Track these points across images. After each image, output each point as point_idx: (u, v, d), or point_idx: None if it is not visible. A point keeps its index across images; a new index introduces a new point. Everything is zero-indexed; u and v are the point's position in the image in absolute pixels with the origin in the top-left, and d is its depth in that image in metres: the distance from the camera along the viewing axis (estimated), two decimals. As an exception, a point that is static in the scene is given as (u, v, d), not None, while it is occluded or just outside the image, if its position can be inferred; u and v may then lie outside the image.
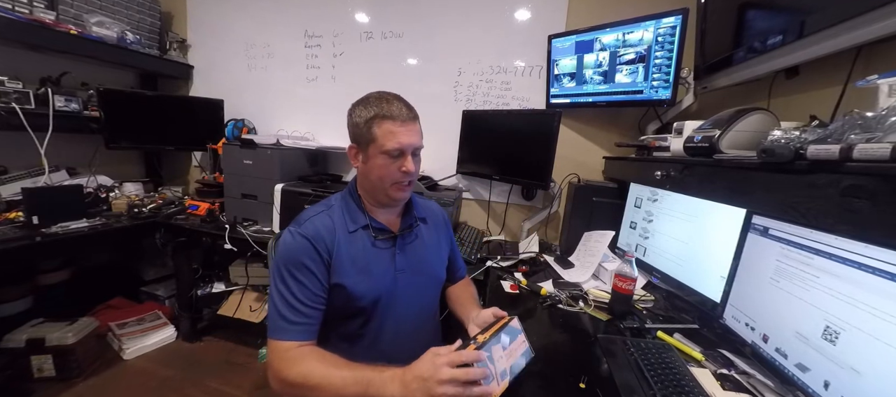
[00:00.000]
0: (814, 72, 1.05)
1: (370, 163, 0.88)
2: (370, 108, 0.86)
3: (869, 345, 0.63)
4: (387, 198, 0.91)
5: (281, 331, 0.79)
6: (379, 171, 0.87)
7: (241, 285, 2.18)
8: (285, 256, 0.83)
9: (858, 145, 0.55)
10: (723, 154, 0.93)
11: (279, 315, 0.80)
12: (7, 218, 1.68)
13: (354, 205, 0.93)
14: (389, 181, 0.88)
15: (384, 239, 0.92)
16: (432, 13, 2.04)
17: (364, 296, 0.86)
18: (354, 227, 0.90)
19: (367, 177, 0.90)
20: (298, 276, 0.81)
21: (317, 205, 0.94)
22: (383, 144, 0.84)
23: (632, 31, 1.53)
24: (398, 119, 0.85)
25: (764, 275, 0.87)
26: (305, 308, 0.81)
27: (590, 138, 1.94)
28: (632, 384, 0.79)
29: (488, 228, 2.10)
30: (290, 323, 0.79)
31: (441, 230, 1.08)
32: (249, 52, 2.41)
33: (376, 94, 0.90)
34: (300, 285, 0.81)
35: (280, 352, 0.78)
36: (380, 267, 0.90)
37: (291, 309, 0.80)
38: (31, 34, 1.78)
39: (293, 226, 0.87)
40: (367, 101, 0.88)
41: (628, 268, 1.11)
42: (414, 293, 0.95)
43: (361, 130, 0.87)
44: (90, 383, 1.76)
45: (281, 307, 0.80)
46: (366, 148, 0.87)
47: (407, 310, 0.93)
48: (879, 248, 0.63)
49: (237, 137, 2.23)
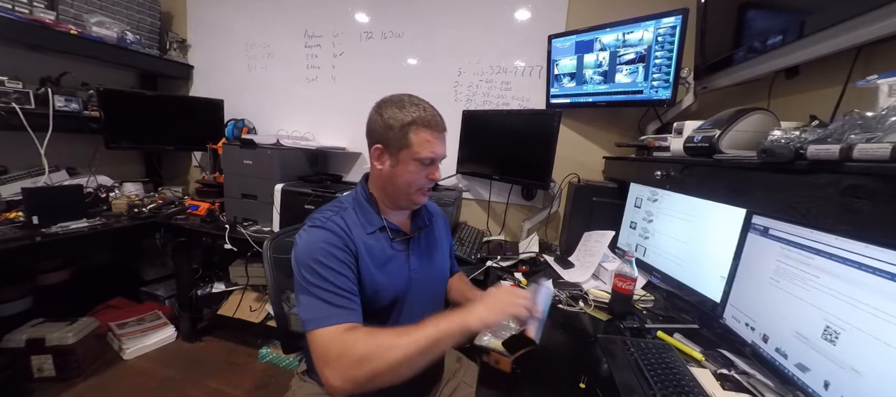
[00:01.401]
0: (814, 72, 1.05)
1: (399, 168, 0.86)
2: (406, 113, 0.83)
3: (869, 345, 0.63)
4: (408, 202, 0.91)
5: (331, 318, 0.73)
6: (408, 177, 0.86)
7: (241, 285, 2.18)
8: (315, 250, 0.78)
9: (858, 145, 0.55)
10: (723, 154, 0.93)
11: (325, 303, 0.75)
12: (7, 218, 1.68)
13: (369, 206, 0.91)
14: (415, 187, 0.88)
15: (400, 240, 0.93)
16: (432, 13, 2.04)
17: (384, 297, 0.87)
18: (371, 229, 0.88)
19: (393, 181, 0.88)
20: (331, 264, 0.78)
21: (326, 208, 0.89)
22: (418, 152, 0.84)
23: (632, 31, 1.53)
24: (435, 129, 0.85)
25: (764, 275, 0.87)
26: (347, 292, 0.78)
27: (590, 138, 1.94)
28: (632, 384, 0.79)
29: (488, 228, 2.10)
30: (339, 308, 0.75)
31: (443, 229, 1.11)
32: (249, 52, 2.41)
33: (407, 96, 0.87)
34: (335, 273, 0.77)
35: (334, 337, 0.71)
36: (396, 268, 0.90)
37: (337, 296, 0.76)
38: (31, 34, 1.78)
39: (310, 223, 0.83)
40: (400, 104, 0.85)
41: (628, 268, 1.11)
42: (426, 292, 0.97)
43: (395, 134, 0.83)
44: (90, 383, 1.76)
45: (324, 296, 0.75)
46: (396, 152, 0.85)
47: (420, 309, 0.95)
48: (879, 248, 0.63)
49: (237, 137, 2.23)
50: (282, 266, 1.11)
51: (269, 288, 1.08)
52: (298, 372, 1.05)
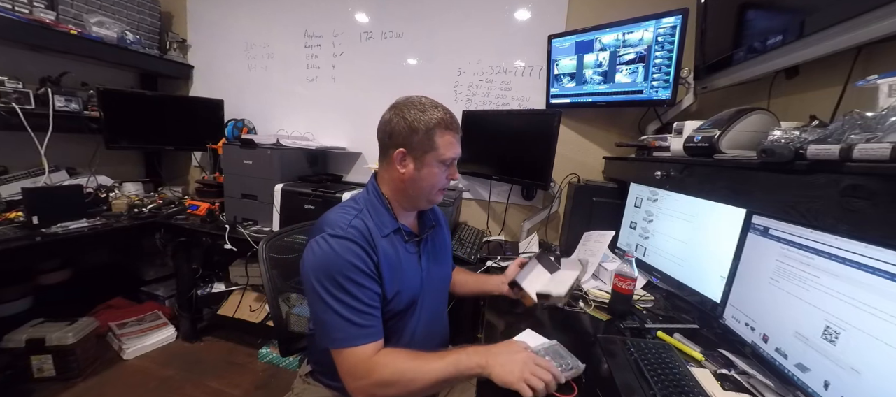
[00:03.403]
0: (814, 72, 1.05)
1: (424, 171, 0.86)
2: (429, 115, 0.83)
3: (869, 345, 0.63)
4: (428, 202, 0.93)
5: (356, 339, 0.76)
6: (432, 179, 0.87)
7: (241, 285, 2.18)
8: (338, 263, 0.77)
9: (858, 145, 0.55)
10: (723, 154, 0.93)
11: (349, 322, 0.76)
12: (7, 218, 1.68)
13: (383, 208, 0.89)
14: (436, 188, 0.89)
15: (412, 242, 0.93)
16: (432, 13, 2.04)
17: (402, 300, 0.87)
18: (387, 231, 0.87)
19: (416, 184, 0.87)
20: (358, 279, 0.78)
21: (343, 209, 0.88)
22: (444, 154, 0.85)
23: (632, 31, 1.53)
24: (456, 130, 0.87)
25: (764, 275, 0.87)
26: (373, 309, 0.79)
27: (590, 138, 1.94)
28: (632, 384, 0.79)
29: (488, 228, 2.10)
30: (363, 328, 0.77)
31: (446, 228, 1.12)
32: (249, 52, 2.41)
33: (425, 99, 0.87)
34: (362, 288, 0.78)
35: (363, 359, 0.75)
36: (411, 270, 0.90)
37: (360, 314, 0.77)
38: (31, 34, 1.78)
39: (331, 231, 0.80)
40: (422, 107, 0.85)
41: (628, 268, 1.11)
42: (436, 291, 0.99)
43: (420, 137, 0.83)
44: (90, 383, 1.76)
45: (348, 314, 0.76)
46: (422, 155, 0.85)
47: (431, 308, 0.96)
48: (879, 248, 0.63)
49: (237, 137, 2.23)
50: (279, 266, 1.10)
51: (266, 289, 1.08)
52: (301, 374, 1.04)
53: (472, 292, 1.20)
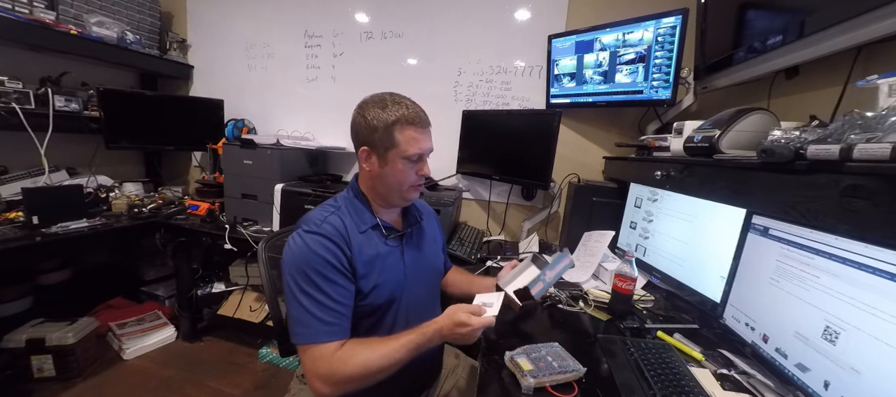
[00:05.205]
0: (814, 72, 1.05)
1: (388, 168, 0.86)
2: (389, 112, 0.83)
3: (869, 345, 0.63)
4: (401, 199, 0.92)
5: (321, 335, 0.77)
6: (398, 176, 0.87)
7: (241, 285, 2.19)
8: (309, 258, 0.78)
9: (858, 145, 0.55)
10: (723, 154, 0.93)
11: (316, 319, 0.77)
12: (7, 218, 1.68)
13: (362, 205, 0.91)
14: (407, 184, 0.89)
15: (393, 238, 0.93)
16: (432, 13, 2.04)
17: (380, 295, 0.87)
18: (365, 227, 0.88)
19: (383, 181, 0.88)
20: (329, 275, 0.79)
21: (322, 207, 0.90)
22: (406, 150, 0.84)
23: (632, 31, 1.53)
24: (419, 125, 0.86)
25: (764, 275, 0.87)
26: (342, 306, 0.80)
27: (590, 138, 1.94)
28: (632, 384, 0.79)
29: (488, 228, 2.10)
30: (329, 325, 0.77)
31: (434, 223, 1.12)
32: (249, 52, 2.41)
33: (389, 95, 0.87)
34: (332, 284, 0.79)
35: (327, 356, 0.76)
36: (392, 265, 0.90)
37: (327, 311, 0.78)
38: (31, 34, 1.78)
39: (306, 227, 0.82)
40: (382, 104, 0.85)
41: (628, 268, 1.11)
42: (421, 287, 0.98)
43: (379, 135, 0.84)
44: (90, 383, 1.76)
45: (316, 311, 0.77)
46: (384, 152, 0.85)
47: (416, 305, 0.95)
48: (879, 248, 0.63)
49: (237, 137, 2.23)
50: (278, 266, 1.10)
51: (265, 289, 1.08)
52: (298, 374, 1.05)
53: (463, 293, 1.16)
